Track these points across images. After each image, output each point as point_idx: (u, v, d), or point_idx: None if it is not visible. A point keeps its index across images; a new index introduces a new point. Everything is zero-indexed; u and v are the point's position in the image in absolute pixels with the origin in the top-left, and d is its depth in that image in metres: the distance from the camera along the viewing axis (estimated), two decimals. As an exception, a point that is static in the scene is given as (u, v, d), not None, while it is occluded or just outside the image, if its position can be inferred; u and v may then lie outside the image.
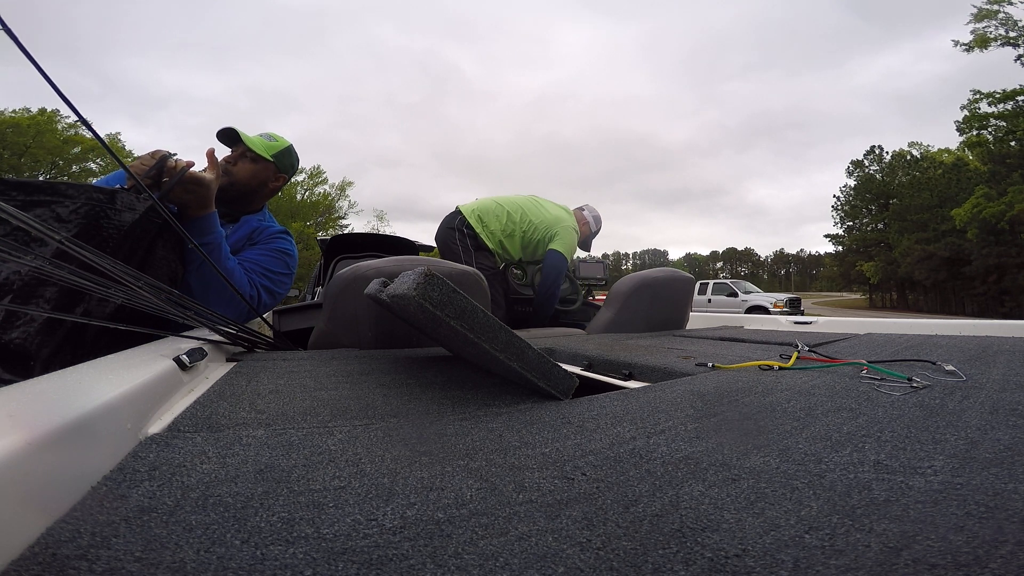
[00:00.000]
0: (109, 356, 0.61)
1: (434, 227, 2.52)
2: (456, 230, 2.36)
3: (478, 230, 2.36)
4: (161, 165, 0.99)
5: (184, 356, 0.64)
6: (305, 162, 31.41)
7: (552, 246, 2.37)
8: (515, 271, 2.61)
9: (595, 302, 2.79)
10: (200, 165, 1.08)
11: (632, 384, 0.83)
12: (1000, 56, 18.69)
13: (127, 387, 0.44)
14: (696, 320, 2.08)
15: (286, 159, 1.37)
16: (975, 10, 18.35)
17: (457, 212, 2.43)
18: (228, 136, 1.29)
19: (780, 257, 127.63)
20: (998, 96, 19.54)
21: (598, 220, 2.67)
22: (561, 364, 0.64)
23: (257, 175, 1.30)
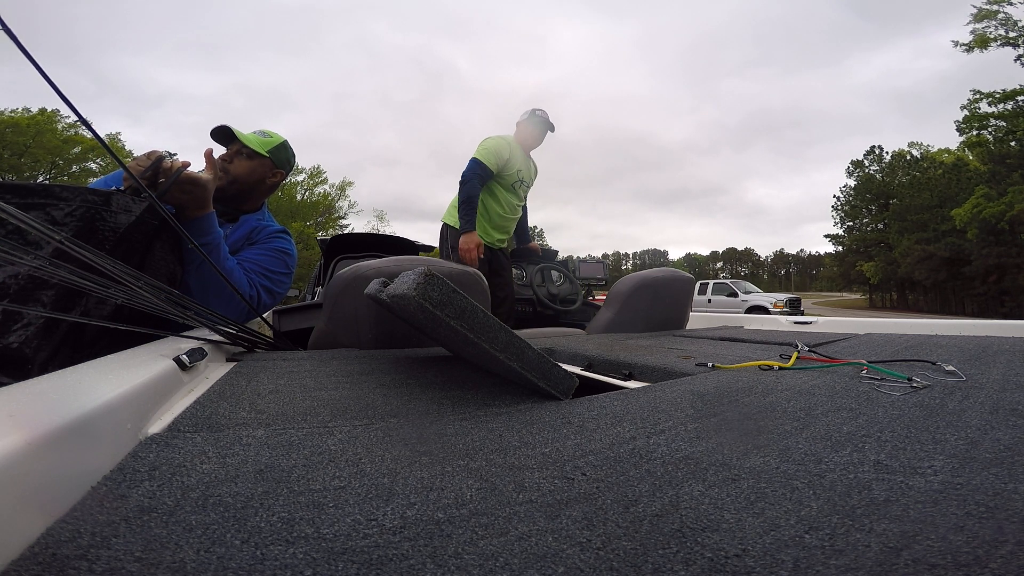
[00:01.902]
0: (109, 356, 0.60)
1: (433, 226, 2.51)
2: (442, 237, 2.39)
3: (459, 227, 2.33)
4: (156, 166, 0.99)
5: (184, 356, 0.64)
6: (302, 162, 31.48)
7: None
8: (514, 271, 2.61)
9: (595, 302, 2.79)
10: (198, 165, 1.08)
11: (632, 384, 0.83)
12: (1000, 56, 18.71)
13: (127, 387, 0.44)
14: (696, 320, 2.08)
15: (282, 154, 1.37)
16: (975, 9, 18.36)
17: (444, 226, 2.42)
18: (222, 134, 1.29)
19: (780, 257, 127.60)
20: (998, 96, 19.54)
21: (534, 113, 2.47)
22: (561, 364, 0.64)
23: (254, 171, 1.31)
